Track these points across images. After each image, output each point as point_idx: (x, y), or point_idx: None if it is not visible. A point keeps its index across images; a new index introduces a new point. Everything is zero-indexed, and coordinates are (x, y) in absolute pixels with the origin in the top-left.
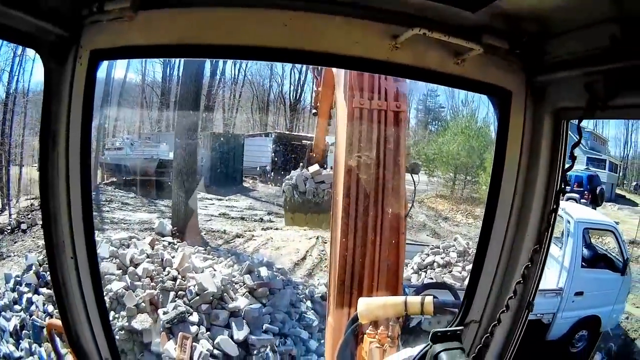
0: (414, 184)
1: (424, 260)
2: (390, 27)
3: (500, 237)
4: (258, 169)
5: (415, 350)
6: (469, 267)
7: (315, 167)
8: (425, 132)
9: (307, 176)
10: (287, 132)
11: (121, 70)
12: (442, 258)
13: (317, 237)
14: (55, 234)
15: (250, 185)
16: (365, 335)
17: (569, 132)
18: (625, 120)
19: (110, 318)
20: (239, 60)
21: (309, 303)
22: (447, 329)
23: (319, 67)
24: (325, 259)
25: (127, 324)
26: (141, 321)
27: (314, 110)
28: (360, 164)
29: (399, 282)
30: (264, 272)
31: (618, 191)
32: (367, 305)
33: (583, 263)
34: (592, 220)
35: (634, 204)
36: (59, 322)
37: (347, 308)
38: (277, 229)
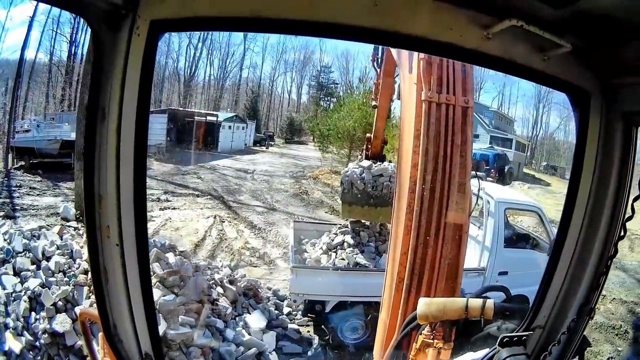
0: (479, 180)
1: (332, 240)
2: (482, 16)
3: (572, 243)
4: (153, 146)
5: (480, 354)
6: (382, 246)
7: (367, 162)
8: (318, 108)
9: (362, 169)
10: (182, 109)
11: (32, 51)
12: (352, 237)
13: (215, 217)
14: (99, 217)
15: None
16: (420, 336)
17: None
18: (535, 102)
19: (32, 320)
20: None
21: (219, 289)
22: (514, 334)
23: (378, 59)
24: (225, 238)
25: (48, 326)
26: (61, 322)
27: (373, 103)
28: (428, 159)
29: (458, 282)
30: (171, 258)
31: (526, 170)
32: (427, 306)
33: (505, 243)
34: (514, 200)
35: (546, 184)
36: (93, 312)
37: (404, 306)
38: (174, 208)
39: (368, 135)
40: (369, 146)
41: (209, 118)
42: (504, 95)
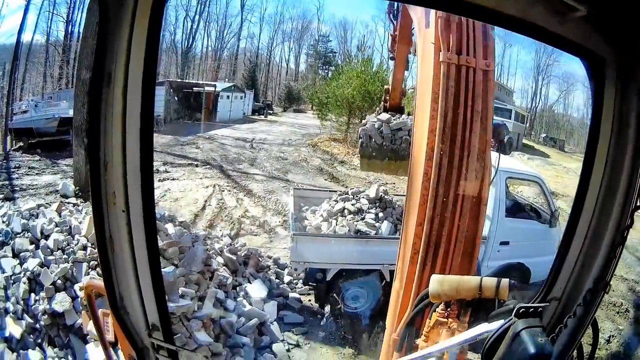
0: (499, 148)
1: (333, 207)
2: None
3: (588, 215)
4: None
5: (495, 325)
6: (382, 214)
7: (385, 115)
8: (316, 77)
9: (380, 123)
10: (179, 80)
11: (29, 33)
12: (352, 205)
13: (214, 186)
14: (105, 183)
15: None
16: (434, 314)
17: None
18: (534, 74)
19: (32, 301)
20: None
21: (220, 259)
22: (531, 304)
23: (395, 11)
24: (225, 208)
25: (48, 306)
26: (60, 301)
27: (390, 55)
28: (446, 125)
29: (475, 257)
30: (170, 229)
31: (525, 141)
32: (440, 284)
33: (506, 213)
34: (515, 170)
35: (545, 155)
36: (98, 283)
37: (418, 279)
38: (173, 179)
39: (386, 87)
40: (387, 98)
41: (207, 88)
42: (503, 66)
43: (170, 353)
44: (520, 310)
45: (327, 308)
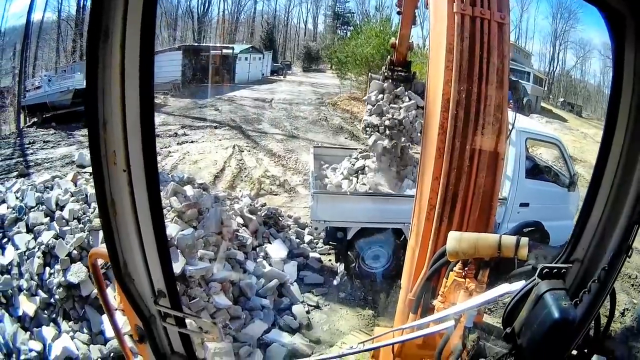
0: (513, 106)
1: (353, 165)
2: None
3: (611, 173)
4: (168, 83)
5: (516, 285)
6: (404, 171)
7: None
8: (335, 37)
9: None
10: (196, 44)
11: (39, 12)
12: (372, 162)
13: (234, 147)
14: (104, 142)
15: (162, 101)
16: (451, 273)
17: None
18: (551, 39)
19: (47, 276)
20: None
21: (239, 219)
22: (555, 265)
23: None
24: (245, 168)
25: (63, 278)
26: (76, 272)
27: (397, 9)
28: (461, 76)
29: (492, 214)
30: (189, 191)
31: (544, 105)
32: (458, 242)
33: (526, 174)
34: (535, 131)
35: (563, 120)
36: (104, 251)
37: (435, 236)
38: (192, 142)
39: (393, 40)
40: (393, 50)
41: (224, 51)
42: (520, 29)
43: (177, 320)
44: (544, 271)
45: (344, 267)
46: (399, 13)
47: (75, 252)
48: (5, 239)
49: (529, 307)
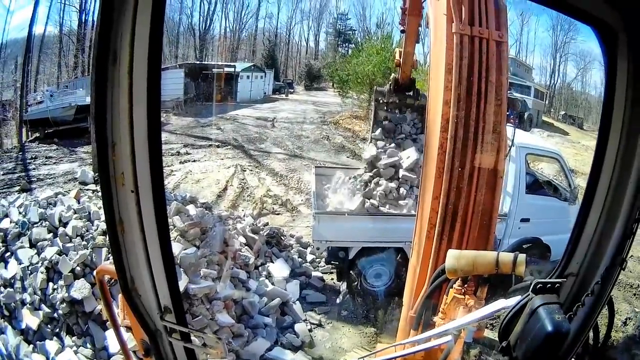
0: (514, 122)
1: (355, 185)
2: None
3: (604, 188)
4: (170, 102)
5: (512, 301)
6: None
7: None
8: (336, 55)
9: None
10: (198, 62)
11: (40, 26)
12: (374, 181)
13: (236, 166)
14: (113, 163)
15: (164, 119)
16: (451, 290)
17: None
18: (553, 50)
19: (50, 291)
20: None
21: (242, 239)
22: (548, 280)
23: None
24: (247, 187)
25: (66, 294)
26: (79, 288)
27: (400, 27)
28: (461, 96)
29: (491, 231)
30: (192, 210)
31: (545, 119)
32: (457, 260)
33: (526, 189)
34: (535, 146)
35: (564, 133)
36: (110, 268)
37: (435, 255)
38: (194, 160)
39: (397, 59)
40: (397, 68)
41: (226, 69)
42: (521, 43)
43: (183, 335)
44: (538, 286)
45: (346, 285)
46: (402, 31)
47: (78, 268)
48: (9, 253)
49: (523, 321)
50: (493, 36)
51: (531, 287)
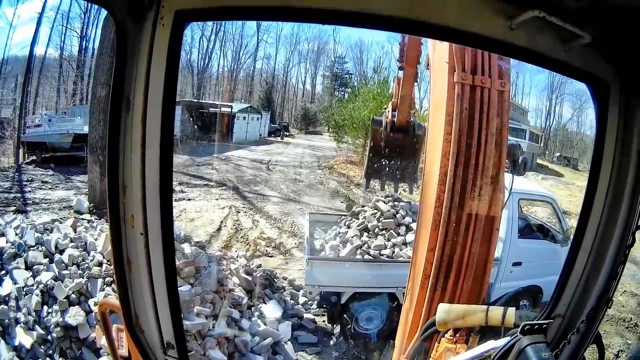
0: (512, 170)
1: (347, 231)
2: (506, 6)
3: (592, 233)
4: None
5: (501, 342)
6: (394, 238)
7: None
8: (332, 98)
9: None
10: (195, 101)
11: (42, 47)
12: (367, 227)
13: (230, 207)
14: (123, 206)
15: None
16: (443, 339)
17: None
18: (548, 92)
19: (45, 314)
20: None
21: (235, 279)
22: (536, 322)
23: None
24: (241, 229)
25: (61, 319)
26: (74, 315)
27: (398, 65)
28: (460, 149)
29: (485, 281)
30: (187, 249)
31: (540, 161)
32: (447, 314)
33: (519, 234)
34: (527, 191)
35: (559, 175)
36: (113, 302)
37: (428, 304)
38: (189, 199)
39: (394, 100)
40: (394, 110)
41: (223, 109)
42: (517, 86)
43: None
44: (525, 327)
45: (338, 328)
46: (400, 69)
47: (73, 295)
48: (4, 272)
49: None
50: (495, 85)
51: (520, 328)
